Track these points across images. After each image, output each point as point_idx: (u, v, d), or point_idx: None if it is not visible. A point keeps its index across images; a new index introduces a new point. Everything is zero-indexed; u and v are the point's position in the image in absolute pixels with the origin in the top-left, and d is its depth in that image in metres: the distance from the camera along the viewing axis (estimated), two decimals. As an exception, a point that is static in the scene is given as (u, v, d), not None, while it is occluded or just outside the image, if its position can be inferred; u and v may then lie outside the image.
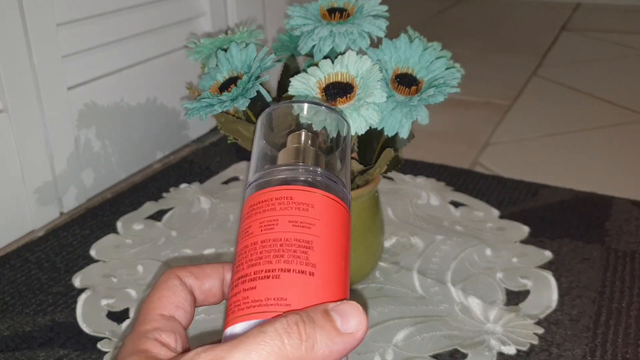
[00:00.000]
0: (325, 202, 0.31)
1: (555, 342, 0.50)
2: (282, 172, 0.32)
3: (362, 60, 0.46)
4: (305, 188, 0.31)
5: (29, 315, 0.54)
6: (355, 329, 0.27)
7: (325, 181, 0.32)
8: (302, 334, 0.26)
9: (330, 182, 0.32)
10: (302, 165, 0.32)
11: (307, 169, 0.32)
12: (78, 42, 0.70)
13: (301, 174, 0.32)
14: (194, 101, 0.49)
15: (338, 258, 0.30)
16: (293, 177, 0.32)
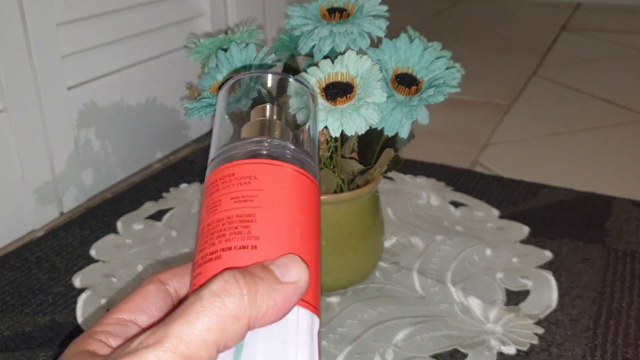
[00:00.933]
0: (270, 171, 0.29)
1: (556, 342, 0.50)
2: (240, 147, 0.31)
3: (362, 60, 0.46)
4: (247, 161, 0.29)
5: (28, 315, 0.54)
6: (297, 278, 0.26)
7: (281, 151, 0.30)
8: (242, 288, 0.25)
9: (292, 152, 0.31)
10: (264, 138, 0.31)
11: (268, 142, 0.31)
12: (78, 42, 0.70)
13: (256, 147, 0.30)
14: (194, 101, 0.49)
15: (290, 226, 0.28)
16: (248, 151, 0.30)
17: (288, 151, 0.31)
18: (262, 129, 0.32)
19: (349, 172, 0.53)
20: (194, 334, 0.24)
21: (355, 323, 0.52)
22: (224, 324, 0.24)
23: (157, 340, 0.24)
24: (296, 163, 0.30)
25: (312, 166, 0.31)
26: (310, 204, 0.30)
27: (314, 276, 0.28)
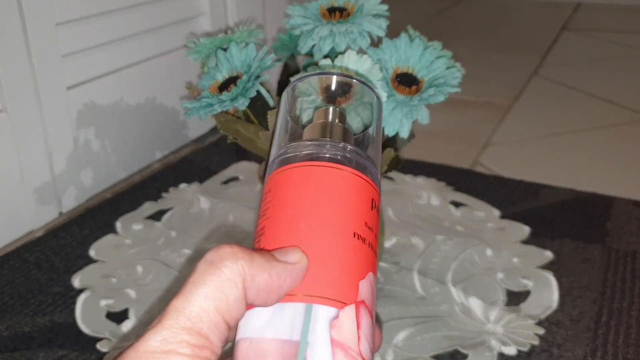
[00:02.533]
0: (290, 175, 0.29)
1: (556, 343, 0.50)
2: (301, 149, 0.30)
3: (362, 60, 0.46)
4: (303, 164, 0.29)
5: (28, 315, 0.54)
6: (295, 261, 0.26)
7: (350, 157, 0.30)
8: (236, 254, 0.25)
9: (357, 158, 0.30)
10: (328, 141, 0.30)
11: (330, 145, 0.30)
12: (77, 42, 0.70)
13: (372, 167, 0.30)
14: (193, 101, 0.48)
15: (293, 220, 0.28)
16: (315, 153, 0.30)
17: (367, 160, 0.31)
18: (324, 131, 0.31)
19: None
20: (192, 305, 0.23)
21: (356, 323, 0.52)
22: (221, 289, 0.24)
23: (158, 320, 0.24)
24: (371, 176, 0.30)
25: (368, 166, 0.31)
26: (362, 208, 0.29)
27: (334, 267, 0.27)
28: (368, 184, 0.30)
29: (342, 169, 0.29)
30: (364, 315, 0.26)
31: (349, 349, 0.25)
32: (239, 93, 0.47)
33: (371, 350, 0.27)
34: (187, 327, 0.23)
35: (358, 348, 0.25)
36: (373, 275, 0.28)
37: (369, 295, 0.27)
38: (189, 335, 0.23)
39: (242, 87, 0.47)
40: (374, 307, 0.28)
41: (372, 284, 0.27)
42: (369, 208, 0.29)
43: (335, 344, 0.25)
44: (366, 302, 0.26)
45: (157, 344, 0.23)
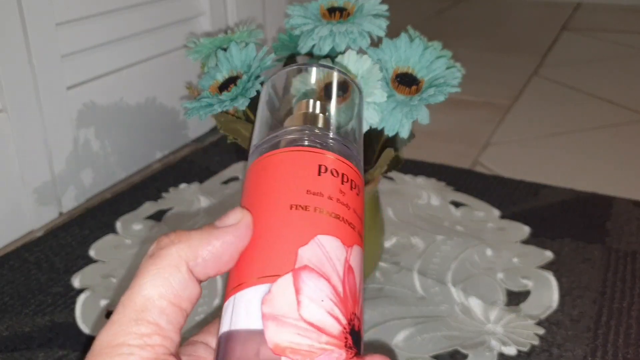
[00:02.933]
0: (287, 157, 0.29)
1: (556, 343, 0.50)
2: (313, 134, 0.30)
3: (362, 60, 0.46)
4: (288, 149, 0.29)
5: (28, 315, 0.54)
6: (235, 221, 0.27)
7: (294, 137, 0.30)
8: (171, 239, 0.26)
9: (359, 162, 0.30)
10: (334, 134, 0.30)
11: (343, 141, 0.30)
12: (77, 42, 0.70)
13: (337, 142, 0.30)
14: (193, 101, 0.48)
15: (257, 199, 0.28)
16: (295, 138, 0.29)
17: (356, 155, 0.30)
18: (305, 120, 0.31)
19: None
20: (136, 296, 0.24)
21: (356, 323, 0.52)
22: (162, 276, 0.25)
23: (112, 315, 0.25)
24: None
25: (356, 156, 0.30)
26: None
27: (264, 246, 0.27)
28: (311, 153, 0.29)
29: (282, 151, 0.29)
30: (306, 280, 0.25)
31: (284, 317, 0.24)
32: (239, 93, 0.47)
33: (331, 310, 0.25)
34: (133, 318, 0.24)
35: (298, 313, 0.25)
36: (326, 238, 0.27)
37: (317, 257, 0.26)
38: (136, 325, 0.24)
39: (242, 87, 0.47)
40: (340, 266, 0.27)
41: (322, 245, 0.26)
42: (315, 174, 0.28)
43: (266, 317, 0.25)
44: (312, 265, 0.26)
45: (108, 339, 0.24)
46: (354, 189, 0.29)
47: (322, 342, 0.24)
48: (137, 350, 0.24)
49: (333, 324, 0.25)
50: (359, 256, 0.28)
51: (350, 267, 0.27)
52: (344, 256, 0.26)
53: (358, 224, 0.28)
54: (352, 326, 0.25)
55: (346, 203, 0.28)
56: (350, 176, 0.29)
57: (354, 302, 0.26)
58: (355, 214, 0.28)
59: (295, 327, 0.24)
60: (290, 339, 0.24)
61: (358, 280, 0.27)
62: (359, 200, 0.29)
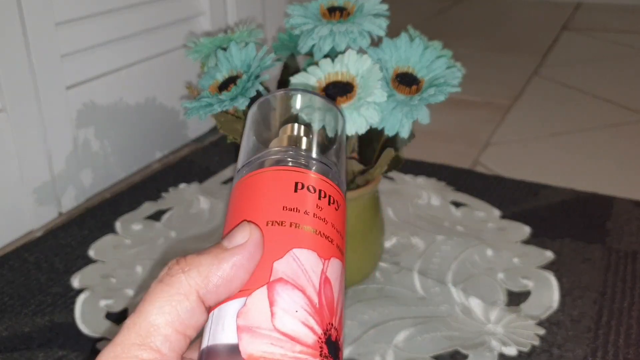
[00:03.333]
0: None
1: (557, 343, 0.50)
2: (295, 155, 0.31)
3: (363, 60, 0.46)
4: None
5: (27, 315, 0.54)
6: (242, 240, 0.26)
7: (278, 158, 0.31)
8: (181, 266, 0.25)
9: (339, 176, 0.31)
10: (316, 155, 0.31)
11: (323, 160, 0.31)
12: (77, 41, 0.70)
13: (318, 163, 0.31)
14: (193, 101, 0.48)
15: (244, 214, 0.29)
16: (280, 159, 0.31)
17: (335, 172, 0.31)
18: (288, 142, 0.32)
19: (349, 172, 0.52)
20: (142, 321, 0.25)
21: (356, 324, 0.52)
22: (170, 304, 0.25)
23: (115, 337, 0.25)
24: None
25: (336, 174, 0.31)
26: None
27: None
28: (289, 172, 0.30)
29: (263, 171, 0.30)
30: (280, 291, 0.26)
31: (257, 328, 0.25)
32: (239, 93, 0.47)
33: (306, 320, 0.26)
34: (137, 342, 0.24)
35: (272, 324, 0.25)
36: (302, 251, 0.27)
37: (291, 270, 0.26)
38: (139, 350, 0.24)
39: (241, 86, 0.47)
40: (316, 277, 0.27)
41: (297, 258, 0.27)
42: (291, 191, 0.29)
43: (241, 329, 0.25)
44: (287, 278, 0.26)
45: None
46: (333, 204, 0.29)
47: (296, 352, 0.25)
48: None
49: (307, 334, 0.25)
50: (338, 269, 0.28)
51: (327, 278, 0.27)
52: (320, 268, 0.27)
53: (337, 238, 0.29)
54: (328, 336, 0.26)
55: (323, 217, 0.29)
56: (328, 192, 0.30)
57: (331, 313, 0.26)
58: (333, 228, 0.29)
59: (268, 337, 0.25)
60: (263, 348, 0.24)
61: (337, 293, 0.27)
62: (338, 215, 0.30)
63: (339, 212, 0.30)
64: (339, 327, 0.27)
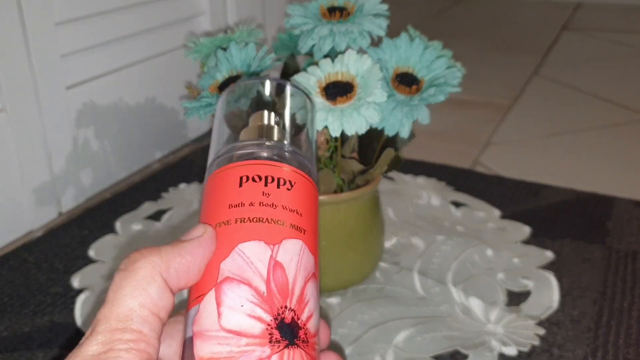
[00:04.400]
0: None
1: (557, 343, 0.50)
2: (244, 148, 0.32)
3: (363, 60, 0.46)
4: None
5: (27, 315, 0.54)
6: (200, 233, 0.28)
7: (290, 155, 0.32)
8: (142, 254, 0.27)
9: (296, 156, 0.32)
10: (266, 140, 0.32)
11: (270, 144, 0.32)
12: (77, 41, 0.70)
13: (266, 149, 0.32)
14: (193, 100, 0.48)
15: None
16: (256, 152, 0.32)
17: (287, 153, 0.32)
18: (261, 132, 0.32)
19: (349, 172, 0.52)
20: (118, 307, 0.26)
21: (356, 324, 0.52)
22: (140, 287, 0.26)
23: (91, 330, 0.26)
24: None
25: (309, 166, 0.32)
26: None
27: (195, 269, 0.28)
28: (235, 168, 0.31)
29: (215, 174, 0.31)
30: (226, 290, 0.27)
31: (207, 331, 0.26)
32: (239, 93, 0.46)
33: (252, 312, 0.27)
34: (119, 327, 0.25)
35: (218, 324, 0.26)
36: (247, 244, 0.28)
37: (237, 266, 0.27)
38: (122, 333, 0.25)
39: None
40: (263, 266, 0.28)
41: (242, 253, 0.28)
42: (236, 187, 0.30)
43: (196, 335, 0.26)
44: (232, 275, 0.27)
45: (96, 348, 0.25)
46: (284, 185, 0.30)
47: (242, 345, 0.26)
48: (124, 353, 0.25)
49: (254, 325, 0.26)
50: (295, 248, 0.29)
51: (278, 263, 0.28)
52: (268, 255, 0.28)
53: (291, 217, 0.29)
54: (280, 320, 0.27)
55: (271, 203, 0.29)
56: (277, 175, 0.30)
57: (284, 296, 0.27)
58: (285, 210, 0.29)
59: (215, 338, 0.26)
60: (211, 349, 0.26)
61: (292, 273, 0.28)
62: (292, 194, 0.30)
63: (294, 190, 0.30)
64: (300, 307, 0.28)
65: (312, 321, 0.28)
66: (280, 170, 0.31)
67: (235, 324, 0.26)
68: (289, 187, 0.30)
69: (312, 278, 0.29)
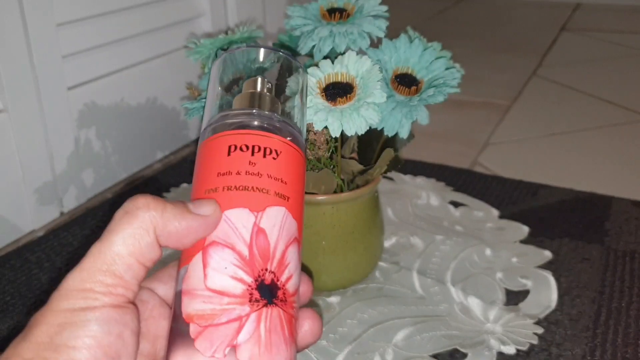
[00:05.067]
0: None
1: (555, 342, 0.50)
2: (230, 117, 0.33)
3: (362, 61, 0.46)
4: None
5: (29, 315, 0.54)
6: (207, 213, 0.29)
7: (269, 122, 0.33)
8: (149, 205, 0.28)
9: (284, 125, 0.33)
10: (256, 110, 0.33)
11: (260, 114, 0.33)
12: (78, 42, 0.70)
13: (255, 119, 0.33)
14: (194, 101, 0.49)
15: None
16: (237, 122, 0.33)
17: (276, 123, 0.33)
18: (252, 100, 0.34)
19: (349, 172, 0.53)
20: (107, 249, 0.27)
21: (355, 323, 0.52)
22: (134, 236, 0.27)
23: (80, 263, 0.27)
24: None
25: (296, 134, 0.34)
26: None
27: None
28: (225, 136, 0.32)
29: (206, 141, 0.33)
30: (212, 253, 0.29)
31: (194, 290, 0.28)
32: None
33: (234, 274, 0.28)
34: (102, 269, 0.27)
35: (204, 284, 0.28)
36: (233, 211, 0.30)
37: (223, 231, 0.29)
38: (104, 276, 0.27)
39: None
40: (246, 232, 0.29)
41: (228, 219, 0.29)
42: (224, 156, 0.31)
43: (183, 293, 0.28)
44: (218, 239, 0.29)
45: (76, 283, 0.27)
46: (270, 155, 0.32)
47: (224, 304, 0.28)
48: (101, 296, 0.26)
49: (235, 286, 0.28)
50: (278, 214, 0.30)
51: (261, 229, 0.29)
52: (252, 222, 0.29)
53: (275, 186, 0.31)
54: (260, 281, 0.29)
55: (257, 172, 0.31)
56: (263, 145, 0.32)
57: (264, 259, 0.29)
58: (270, 178, 0.31)
59: (201, 297, 0.28)
60: (197, 307, 0.28)
61: (274, 238, 0.30)
62: (277, 163, 0.32)
63: (279, 159, 0.32)
64: (280, 269, 0.29)
65: (291, 281, 0.30)
66: (267, 139, 0.32)
67: (219, 284, 0.28)
68: (275, 157, 0.32)
69: (294, 242, 0.31)
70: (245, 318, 0.27)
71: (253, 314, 0.28)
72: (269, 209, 0.30)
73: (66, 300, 0.26)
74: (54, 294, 0.27)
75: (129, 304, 0.27)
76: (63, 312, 0.26)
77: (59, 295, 0.26)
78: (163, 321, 0.30)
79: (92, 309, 0.26)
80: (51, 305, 0.26)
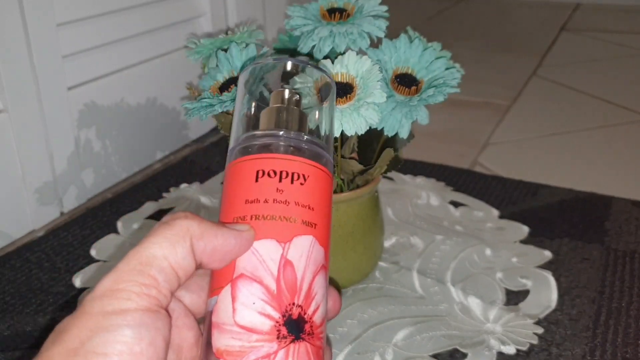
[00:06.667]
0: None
1: (555, 342, 0.50)
2: (262, 138, 0.33)
3: (362, 61, 0.46)
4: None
5: (29, 315, 0.54)
6: (243, 229, 0.29)
7: (307, 147, 0.33)
8: (187, 215, 0.29)
9: (311, 146, 0.33)
10: (283, 132, 0.33)
11: (287, 135, 0.33)
12: (78, 42, 0.70)
13: (282, 140, 0.32)
14: (194, 101, 0.49)
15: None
16: (274, 144, 0.32)
17: (303, 144, 0.32)
18: (279, 117, 0.33)
19: (349, 172, 0.53)
20: (143, 251, 0.27)
21: (355, 323, 0.52)
22: (170, 242, 0.28)
23: (116, 266, 0.27)
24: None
25: (324, 154, 0.33)
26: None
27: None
28: (252, 161, 0.32)
29: (234, 163, 0.32)
30: (240, 287, 0.29)
31: (223, 324, 0.28)
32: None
33: (262, 310, 0.28)
34: (137, 269, 0.27)
35: (233, 319, 0.28)
36: (260, 242, 0.30)
37: (251, 264, 0.29)
38: (138, 275, 0.27)
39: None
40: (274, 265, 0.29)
41: (256, 251, 0.29)
42: (252, 182, 0.31)
43: (213, 325, 0.29)
44: (246, 272, 0.29)
45: (110, 283, 0.27)
46: (297, 180, 0.31)
47: (252, 341, 0.28)
48: (135, 296, 0.26)
49: (264, 322, 0.28)
50: (305, 244, 0.30)
51: (288, 261, 0.29)
52: (279, 254, 0.29)
53: (302, 213, 0.31)
54: (288, 316, 0.29)
55: (284, 200, 0.31)
56: (291, 170, 0.31)
57: (292, 293, 0.29)
58: (297, 206, 0.31)
59: (230, 332, 0.28)
60: (226, 342, 0.28)
61: (301, 270, 0.29)
62: (305, 189, 0.31)
63: (307, 184, 0.31)
64: (306, 303, 0.29)
65: (318, 313, 0.30)
66: (295, 164, 0.32)
67: (247, 320, 0.28)
68: (302, 182, 0.31)
69: (321, 270, 0.31)
70: (274, 355, 0.28)
71: (281, 351, 0.28)
72: (296, 239, 0.30)
73: (99, 301, 0.26)
74: (87, 296, 0.27)
75: (161, 309, 0.27)
76: (95, 315, 0.26)
77: (92, 297, 0.26)
78: (187, 332, 0.30)
79: (125, 312, 0.26)
80: (84, 307, 0.26)
